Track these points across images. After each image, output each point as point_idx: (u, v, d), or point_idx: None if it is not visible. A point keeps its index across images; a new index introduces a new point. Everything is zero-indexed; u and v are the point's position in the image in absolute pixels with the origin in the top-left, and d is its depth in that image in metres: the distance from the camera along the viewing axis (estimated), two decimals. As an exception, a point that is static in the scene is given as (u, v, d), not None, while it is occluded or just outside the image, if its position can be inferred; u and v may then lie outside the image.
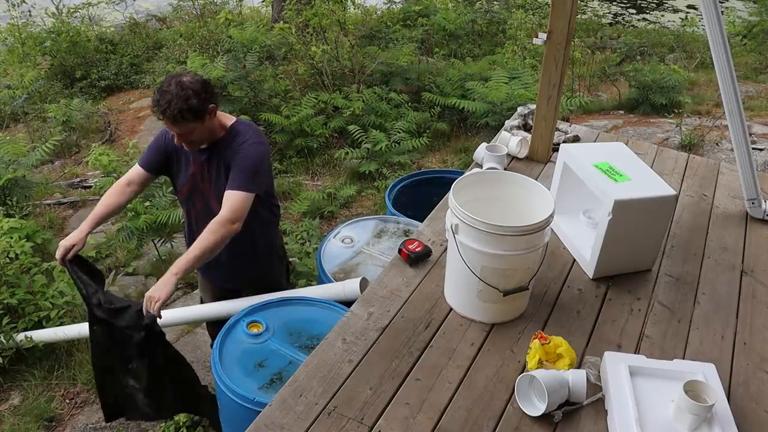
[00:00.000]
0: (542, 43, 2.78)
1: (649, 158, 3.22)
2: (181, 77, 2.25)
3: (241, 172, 2.34)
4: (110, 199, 2.54)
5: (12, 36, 8.09)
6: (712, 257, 2.51)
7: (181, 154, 2.48)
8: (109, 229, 4.64)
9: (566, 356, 1.90)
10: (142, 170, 2.52)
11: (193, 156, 2.45)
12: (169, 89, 2.20)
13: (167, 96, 2.20)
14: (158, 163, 2.52)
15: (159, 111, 2.23)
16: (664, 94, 6.20)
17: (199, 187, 2.51)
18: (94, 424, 3.01)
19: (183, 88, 2.21)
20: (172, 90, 2.20)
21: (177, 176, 2.55)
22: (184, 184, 2.53)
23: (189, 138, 2.34)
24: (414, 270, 2.35)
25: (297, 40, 6.54)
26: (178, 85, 2.21)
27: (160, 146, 2.50)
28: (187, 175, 2.50)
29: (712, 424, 1.66)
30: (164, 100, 2.20)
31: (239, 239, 2.38)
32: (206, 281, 2.88)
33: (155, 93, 2.25)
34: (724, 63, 2.43)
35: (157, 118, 2.28)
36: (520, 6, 9.10)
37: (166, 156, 2.50)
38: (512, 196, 2.17)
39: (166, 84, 2.23)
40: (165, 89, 2.21)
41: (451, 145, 5.83)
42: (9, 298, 3.16)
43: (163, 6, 10.05)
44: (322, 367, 1.93)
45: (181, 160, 2.50)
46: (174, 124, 2.27)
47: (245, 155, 2.36)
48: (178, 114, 2.22)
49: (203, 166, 2.45)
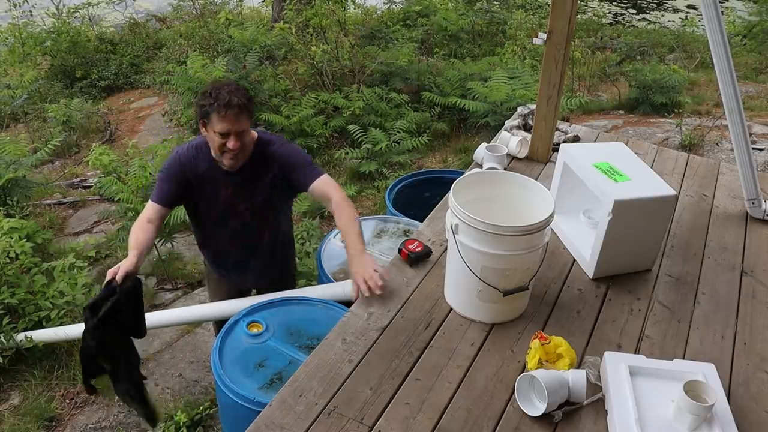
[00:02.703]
0: (542, 43, 2.78)
1: (649, 158, 3.22)
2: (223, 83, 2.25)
3: (305, 164, 2.40)
4: (140, 235, 2.31)
5: (12, 36, 8.10)
6: (712, 257, 2.51)
7: (205, 181, 2.37)
8: (110, 229, 4.65)
9: (566, 356, 1.90)
10: (160, 206, 2.36)
11: (224, 179, 2.36)
12: (223, 87, 2.19)
13: (226, 89, 2.17)
14: (176, 196, 2.39)
15: (223, 104, 2.14)
16: (664, 94, 6.20)
17: (234, 209, 2.44)
18: (94, 424, 3.01)
19: (236, 86, 2.22)
20: (228, 87, 2.20)
21: (201, 203, 2.44)
22: (212, 210, 2.44)
23: (244, 140, 2.26)
24: (414, 270, 2.35)
25: (297, 40, 6.54)
26: (228, 84, 2.22)
27: (176, 176, 2.35)
28: (219, 201, 2.41)
29: (712, 424, 1.66)
30: (225, 92, 2.16)
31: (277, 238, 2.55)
32: (230, 283, 2.76)
33: (206, 97, 2.19)
34: (724, 63, 2.43)
35: (219, 114, 2.16)
36: (520, 6, 9.11)
37: (185, 185, 2.36)
38: (512, 196, 2.17)
39: (213, 87, 2.20)
40: (218, 87, 2.18)
41: (451, 145, 5.83)
42: (9, 298, 3.16)
43: (163, 6, 10.05)
44: (322, 367, 1.93)
45: (204, 187, 2.38)
46: (237, 119, 2.19)
47: (294, 152, 2.42)
48: (244, 104, 2.19)
49: (238, 186, 2.39)
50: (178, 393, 3.16)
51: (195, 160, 2.36)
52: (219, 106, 2.16)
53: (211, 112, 2.18)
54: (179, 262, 4.20)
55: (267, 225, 2.56)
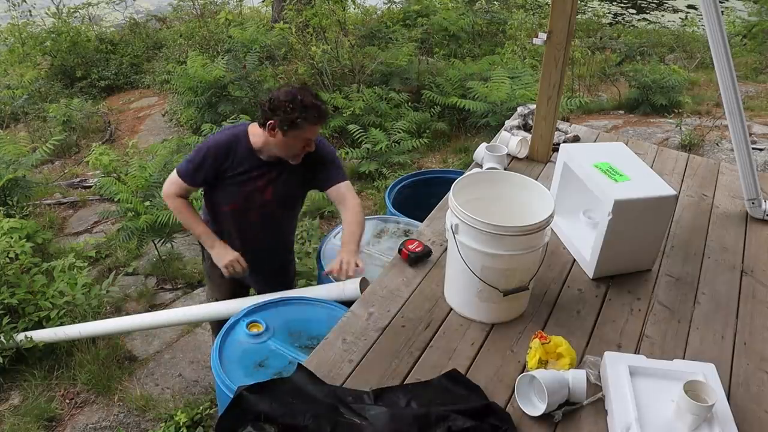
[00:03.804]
0: (542, 43, 2.78)
1: (649, 158, 3.22)
2: (296, 85, 2.34)
3: (335, 165, 2.53)
4: (199, 218, 2.55)
5: (12, 36, 8.10)
6: (712, 257, 2.51)
7: (237, 170, 2.41)
8: (110, 229, 4.65)
9: (566, 356, 1.89)
10: (189, 186, 2.45)
11: (259, 170, 2.42)
12: (306, 95, 2.26)
13: (311, 98, 2.27)
14: (204, 179, 2.44)
15: (318, 114, 2.28)
16: (664, 94, 6.20)
17: (259, 200, 2.48)
18: (94, 424, 3.01)
19: (311, 91, 2.32)
20: (308, 93, 2.28)
21: (227, 190, 2.47)
22: (237, 199, 2.47)
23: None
24: (414, 270, 2.35)
25: (297, 40, 6.54)
26: (304, 89, 2.30)
27: (214, 162, 2.39)
28: (248, 190, 2.44)
29: (712, 424, 1.66)
30: (313, 100, 2.27)
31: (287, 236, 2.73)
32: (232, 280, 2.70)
33: (294, 107, 2.23)
34: (724, 63, 2.43)
35: (311, 124, 2.29)
36: (520, 6, 9.11)
37: (216, 173, 2.41)
38: (512, 196, 2.17)
39: (295, 94, 2.25)
40: (301, 95, 2.25)
41: (451, 145, 5.83)
42: (9, 298, 3.16)
43: (163, 6, 10.06)
44: (322, 367, 1.92)
45: (235, 176, 2.42)
46: (320, 127, 2.36)
47: (330, 151, 2.53)
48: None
49: (273, 178, 2.45)
50: (178, 393, 3.16)
51: (234, 148, 2.39)
52: (315, 117, 2.27)
53: (303, 122, 2.26)
54: (179, 262, 4.20)
55: (284, 220, 2.65)
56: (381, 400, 1.79)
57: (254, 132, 2.40)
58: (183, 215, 2.51)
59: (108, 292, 3.46)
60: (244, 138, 2.40)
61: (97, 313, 3.45)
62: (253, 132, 2.40)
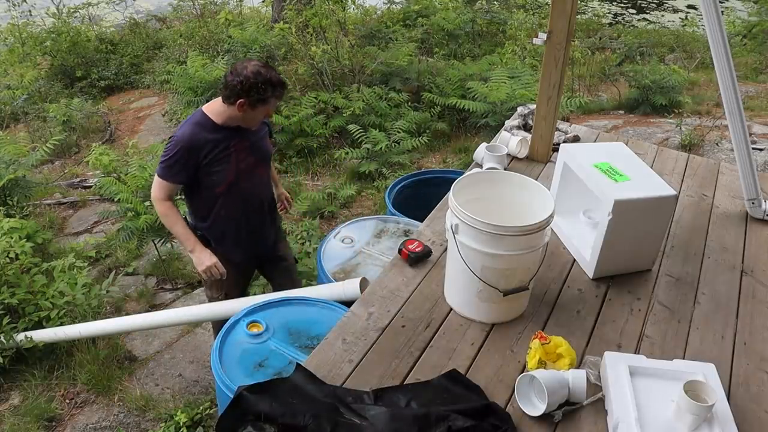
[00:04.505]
0: (542, 43, 2.78)
1: (649, 158, 3.22)
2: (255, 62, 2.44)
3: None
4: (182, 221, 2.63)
5: (12, 36, 8.10)
6: (712, 257, 2.51)
7: (216, 148, 2.48)
8: (110, 229, 4.65)
9: (566, 356, 1.90)
10: (174, 185, 2.55)
11: (234, 140, 2.52)
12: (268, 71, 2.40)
13: (271, 72, 2.40)
14: (187, 177, 2.52)
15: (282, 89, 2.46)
16: (664, 95, 6.20)
17: (247, 163, 2.59)
18: (94, 424, 3.01)
19: (267, 64, 2.46)
20: (267, 68, 2.41)
21: (214, 170, 2.52)
22: (228, 174, 2.55)
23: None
24: (414, 270, 2.35)
25: (297, 40, 6.54)
26: (264, 66, 2.41)
27: (190, 157, 2.46)
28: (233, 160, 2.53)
29: (712, 424, 1.66)
30: (274, 75, 2.40)
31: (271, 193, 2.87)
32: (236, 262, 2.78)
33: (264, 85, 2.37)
34: (724, 63, 2.43)
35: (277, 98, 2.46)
36: (520, 6, 9.11)
37: (196, 165, 2.49)
38: (512, 196, 2.17)
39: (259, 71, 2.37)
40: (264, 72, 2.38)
41: (451, 145, 5.83)
42: (9, 298, 3.16)
43: (163, 6, 10.06)
44: (322, 367, 1.92)
45: (216, 154, 2.49)
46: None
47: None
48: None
49: (251, 141, 2.59)
50: (178, 393, 3.16)
51: (202, 134, 2.46)
52: (281, 92, 2.46)
53: (271, 98, 2.43)
54: (179, 262, 4.20)
55: (266, 173, 2.77)
56: (381, 400, 1.79)
57: (213, 110, 2.49)
58: (169, 218, 2.58)
59: (108, 292, 3.46)
60: (206, 122, 2.48)
61: (97, 313, 3.45)
62: (212, 110, 2.49)
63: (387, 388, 1.84)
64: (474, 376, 1.91)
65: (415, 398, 1.79)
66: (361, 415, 1.72)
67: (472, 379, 1.89)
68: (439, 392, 1.83)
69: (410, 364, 1.95)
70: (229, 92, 2.39)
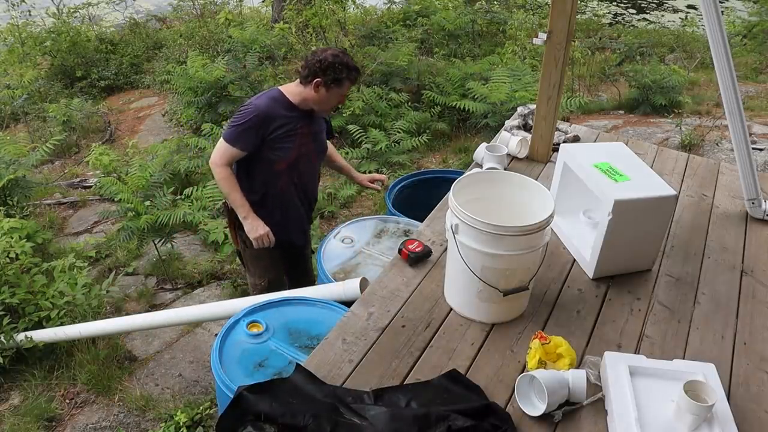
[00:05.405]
0: (542, 43, 2.78)
1: (649, 158, 3.22)
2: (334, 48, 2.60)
3: (329, 122, 2.90)
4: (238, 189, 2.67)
5: (12, 36, 8.09)
6: (712, 257, 2.51)
7: (284, 129, 2.57)
8: (110, 229, 4.65)
9: (566, 356, 1.90)
10: (239, 151, 2.58)
11: (302, 122, 2.62)
12: (344, 56, 2.52)
13: (347, 57, 2.53)
14: (253, 145, 2.58)
15: (357, 73, 2.59)
16: (664, 95, 6.20)
17: (306, 149, 2.69)
18: (94, 424, 3.01)
19: (344, 51, 2.60)
20: (344, 55, 2.54)
21: (277, 147, 2.60)
22: (290, 154, 2.63)
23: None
24: (414, 270, 2.35)
25: (297, 40, 6.54)
26: (342, 52, 2.54)
27: (261, 127, 2.54)
28: (295, 142, 2.63)
29: (712, 424, 1.66)
30: (350, 60, 2.53)
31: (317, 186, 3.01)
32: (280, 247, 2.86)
33: (340, 67, 2.49)
34: (724, 63, 2.43)
35: (351, 81, 2.57)
36: (520, 6, 9.11)
37: (262, 137, 2.56)
38: (512, 196, 2.17)
39: (337, 56, 2.50)
40: (342, 56, 2.51)
41: (451, 145, 5.83)
42: (9, 298, 3.16)
43: (163, 6, 10.06)
44: (322, 367, 1.93)
45: (283, 135, 2.58)
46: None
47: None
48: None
49: (314, 129, 2.71)
50: (178, 393, 3.16)
51: (277, 108, 2.57)
52: (355, 77, 2.57)
53: (346, 80, 2.54)
54: (179, 262, 4.20)
55: (318, 166, 2.92)
56: (381, 400, 1.79)
57: (289, 90, 2.60)
58: (227, 182, 2.62)
59: (108, 292, 3.46)
60: (281, 98, 2.59)
61: (97, 313, 3.45)
62: (288, 91, 2.60)
63: (387, 388, 1.84)
64: (474, 376, 1.91)
65: (415, 398, 1.79)
66: (361, 415, 1.72)
67: (472, 379, 1.89)
68: (439, 392, 1.83)
69: (410, 364, 1.95)
70: (307, 72, 2.52)
